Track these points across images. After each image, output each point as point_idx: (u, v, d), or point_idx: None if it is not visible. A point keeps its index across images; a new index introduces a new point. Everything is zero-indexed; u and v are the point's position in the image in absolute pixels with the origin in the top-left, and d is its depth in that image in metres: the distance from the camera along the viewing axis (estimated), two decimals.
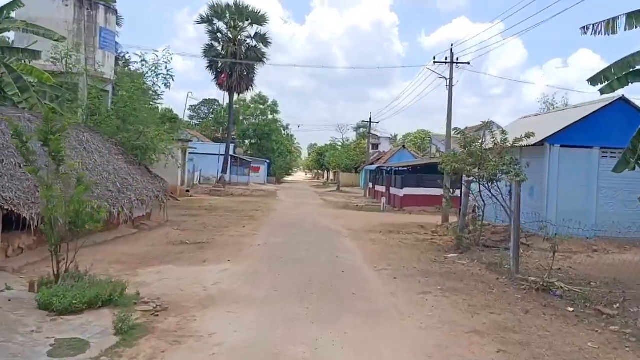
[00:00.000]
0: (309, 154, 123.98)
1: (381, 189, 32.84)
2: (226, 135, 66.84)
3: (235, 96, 34.08)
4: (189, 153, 42.45)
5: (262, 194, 37.02)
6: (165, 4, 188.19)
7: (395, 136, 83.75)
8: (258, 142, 63.14)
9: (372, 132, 43.05)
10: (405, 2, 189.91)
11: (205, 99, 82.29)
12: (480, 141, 13.09)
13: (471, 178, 13.18)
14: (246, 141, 64.64)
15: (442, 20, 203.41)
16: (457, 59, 18.03)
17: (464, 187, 13.67)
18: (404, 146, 49.60)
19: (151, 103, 19.71)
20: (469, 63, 18.36)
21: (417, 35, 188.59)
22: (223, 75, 31.58)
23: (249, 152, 62.64)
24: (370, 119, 40.87)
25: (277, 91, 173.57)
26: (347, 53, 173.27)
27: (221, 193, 30.68)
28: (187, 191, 28.94)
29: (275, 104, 61.61)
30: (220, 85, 32.50)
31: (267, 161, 58.06)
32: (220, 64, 32.44)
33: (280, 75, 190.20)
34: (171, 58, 18.94)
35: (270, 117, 62.06)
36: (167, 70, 18.97)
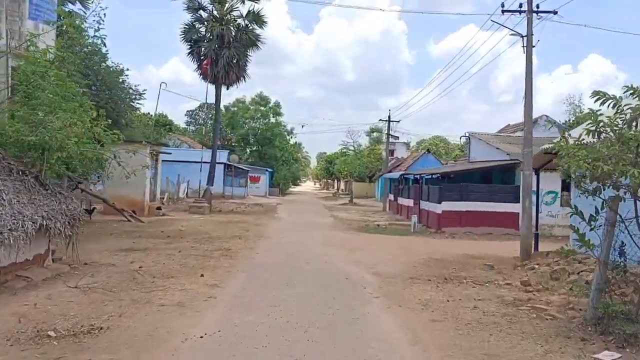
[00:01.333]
0: (318, 163, 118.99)
1: (407, 202, 26.51)
2: (224, 142, 61.10)
3: (224, 90, 28.06)
4: (168, 161, 36.44)
5: (259, 209, 30.86)
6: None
7: (408, 143, 77.33)
8: (259, 149, 57.16)
9: (388, 133, 36.68)
10: (414, 10, 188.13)
11: (204, 103, 76.89)
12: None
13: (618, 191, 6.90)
14: (247, 149, 58.73)
15: (451, 28, 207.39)
16: (538, 7, 11.82)
17: (605, 208, 7.24)
18: (428, 150, 43.42)
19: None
20: (556, 12, 12.09)
21: (425, 43, 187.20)
22: (206, 62, 25.60)
23: (249, 160, 56.74)
24: (389, 117, 34.69)
25: (285, 100, 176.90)
26: (355, 62, 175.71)
27: (204, 210, 24.56)
28: (159, 208, 22.85)
29: (278, 105, 55.77)
30: (204, 76, 26.51)
31: (269, 170, 52.02)
32: (204, 49, 26.52)
33: (288, 85, 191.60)
34: (104, 14, 12.91)
35: (272, 120, 56.13)
36: (98, 25, 13.04)
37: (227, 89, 28.03)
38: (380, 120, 35.71)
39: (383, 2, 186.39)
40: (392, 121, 34.43)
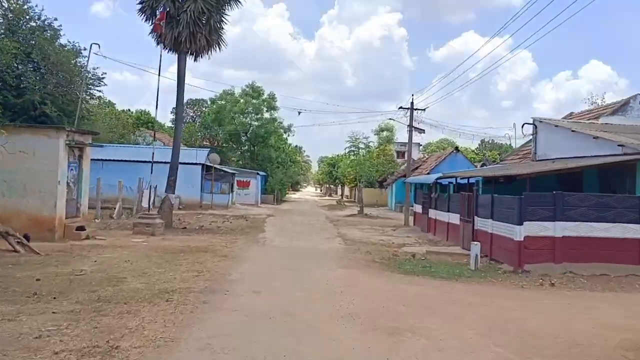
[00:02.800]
0: (319, 167, 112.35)
1: (446, 217, 19.02)
2: (212, 141, 53.79)
3: (190, 60, 20.56)
4: (127, 161, 29.02)
5: (241, 225, 23.50)
6: None
7: (420, 144, 69.93)
8: (251, 149, 49.74)
9: (411, 125, 28.95)
10: (414, 17, 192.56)
11: (190, 99, 69.65)
12: None
13: None
14: (239, 149, 51.37)
15: (451, 34, 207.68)
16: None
17: None
18: (456, 148, 36.05)
19: None
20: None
21: (426, 49, 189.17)
22: (159, 16, 18.20)
23: (240, 163, 49.47)
24: (412, 103, 27.10)
25: (286, 107, 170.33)
26: (356, 68, 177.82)
27: (154, 228, 17.15)
28: (81, 229, 15.38)
29: (272, 97, 48.32)
30: (159, 37, 19.17)
31: (262, 173, 44.65)
32: (160, 1, 19.15)
33: (290, 91, 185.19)
34: None
35: (266, 115, 48.73)
36: None
37: (195, 59, 20.57)
38: (401, 108, 28.15)
39: (384, 8, 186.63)
40: (416, 109, 26.91)
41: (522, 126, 19.61)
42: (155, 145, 25.21)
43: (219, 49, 20.65)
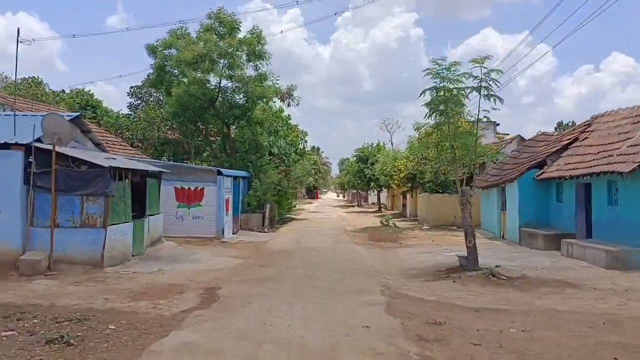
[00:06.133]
0: (340, 171, 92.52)
1: None
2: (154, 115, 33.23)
3: None
4: None
5: None
6: None
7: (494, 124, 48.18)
8: (223, 131, 29.26)
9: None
10: (430, 16, 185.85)
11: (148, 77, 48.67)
12: None
13: None
14: (197, 134, 31.00)
15: (468, 32, 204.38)
16: None
17: None
18: None
19: None
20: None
21: (443, 48, 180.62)
22: None
23: (207, 155, 29.23)
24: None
25: (303, 112, 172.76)
26: (372, 71, 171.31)
27: None
28: None
29: (257, 36, 27.48)
30: None
31: (238, 174, 24.10)
32: None
33: (306, 96, 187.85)
34: None
35: (248, 70, 28.03)
36: None
37: None
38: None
39: (399, 8, 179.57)
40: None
41: None
42: None
43: None
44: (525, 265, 13.71)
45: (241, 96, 27.72)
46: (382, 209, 48.48)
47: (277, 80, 28.46)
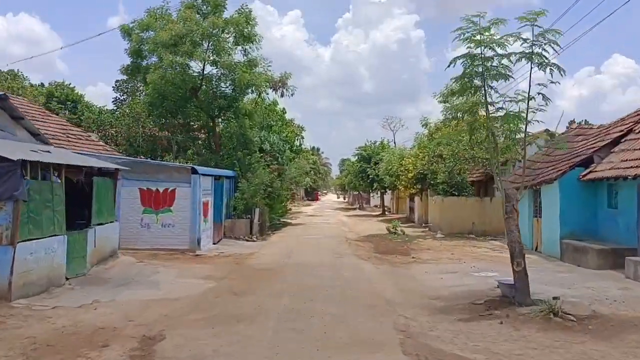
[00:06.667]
0: (340, 171, 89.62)
1: None
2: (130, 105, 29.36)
3: None
4: None
5: None
6: None
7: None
8: (207, 124, 25.89)
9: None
10: (430, 17, 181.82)
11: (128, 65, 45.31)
12: None
13: None
14: (177, 129, 27.62)
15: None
16: None
17: None
18: None
19: None
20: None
21: (443, 49, 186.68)
22: None
23: (194, 156, 26.01)
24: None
25: (304, 113, 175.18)
26: (373, 72, 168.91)
27: None
28: None
29: (247, 15, 24.10)
30: None
31: (224, 173, 20.75)
32: None
33: (307, 97, 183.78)
34: None
35: (236, 54, 24.63)
36: None
37: None
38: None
39: (399, 10, 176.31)
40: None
41: None
42: None
43: None
44: (586, 294, 10.29)
45: (228, 84, 24.30)
46: (386, 213, 44.97)
47: (269, 66, 25.06)
